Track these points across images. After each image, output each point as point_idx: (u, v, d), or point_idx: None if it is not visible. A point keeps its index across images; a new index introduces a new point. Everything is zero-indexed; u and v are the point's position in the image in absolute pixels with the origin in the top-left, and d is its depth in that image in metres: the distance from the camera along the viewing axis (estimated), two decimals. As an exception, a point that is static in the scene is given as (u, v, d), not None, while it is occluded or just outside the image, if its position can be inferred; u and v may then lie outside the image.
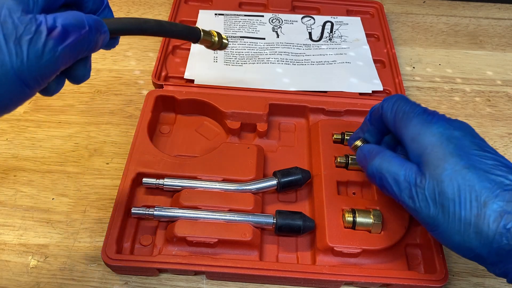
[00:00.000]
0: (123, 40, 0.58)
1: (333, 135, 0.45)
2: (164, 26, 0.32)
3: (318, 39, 0.58)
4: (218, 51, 0.55)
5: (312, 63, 0.55)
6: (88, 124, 0.48)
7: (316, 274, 0.36)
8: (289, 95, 0.49)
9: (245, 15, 0.60)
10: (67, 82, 0.28)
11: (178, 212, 0.38)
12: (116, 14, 0.61)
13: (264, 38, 0.57)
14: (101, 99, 0.51)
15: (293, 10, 0.61)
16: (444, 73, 0.58)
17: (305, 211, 0.41)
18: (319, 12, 0.61)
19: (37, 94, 0.51)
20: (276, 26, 0.59)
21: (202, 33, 0.36)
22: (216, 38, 0.38)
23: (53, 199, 0.42)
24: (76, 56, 0.25)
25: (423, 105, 0.33)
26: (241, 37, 0.57)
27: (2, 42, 0.21)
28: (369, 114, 0.36)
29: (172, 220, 0.38)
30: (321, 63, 0.55)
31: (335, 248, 0.37)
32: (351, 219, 0.38)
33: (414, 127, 0.31)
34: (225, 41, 0.39)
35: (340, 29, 0.59)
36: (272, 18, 0.60)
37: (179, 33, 0.34)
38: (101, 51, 0.59)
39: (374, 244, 0.38)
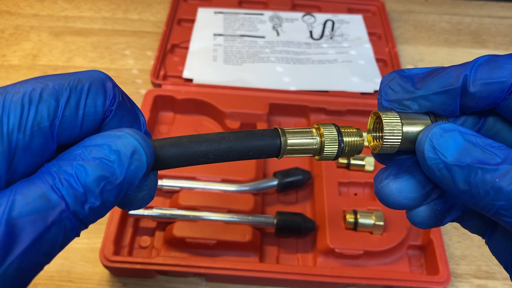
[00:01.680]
0: (120, 38, 0.57)
1: (334, 135, 0.44)
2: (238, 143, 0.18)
3: (319, 37, 0.57)
4: (219, 50, 0.54)
5: (313, 62, 0.54)
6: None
7: (317, 276, 0.35)
8: (289, 95, 0.49)
9: (245, 13, 0.59)
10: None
11: (176, 213, 0.38)
12: (114, 13, 0.60)
13: (264, 37, 0.56)
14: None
15: (294, 8, 0.61)
16: (446, 72, 0.57)
17: (305, 212, 0.40)
18: (320, 10, 0.61)
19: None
20: (276, 24, 0.58)
21: (282, 138, 0.18)
22: (321, 139, 0.19)
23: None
24: (51, 252, 0.15)
25: None
26: (241, 35, 0.56)
27: None
28: (473, 70, 0.17)
29: (170, 221, 0.38)
30: (322, 62, 0.54)
31: (336, 249, 0.37)
32: (352, 220, 0.38)
33: None
34: (357, 140, 0.19)
35: (341, 28, 0.58)
36: (272, 16, 0.59)
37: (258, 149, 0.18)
38: (99, 49, 0.58)
39: (376, 245, 0.37)
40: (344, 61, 0.54)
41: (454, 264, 0.40)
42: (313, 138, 0.19)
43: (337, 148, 0.18)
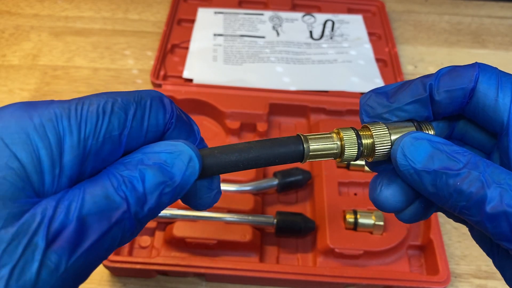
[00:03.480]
0: (120, 38, 0.57)
1: (334, 135, 0.44)
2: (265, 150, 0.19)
3: (319, 37, 0.57)
4: (219, 50, 0.54)
5: (313, 62, 0.54)
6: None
7: (317, 276, 0.35)
8: (289, 95, 0.49)
9: (245, 13, 0.59)
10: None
11: (176, 213, 0.38)
12: (114, 13, 0.60)
13: (264, 37, 0.56)
14: (100, 98, 0.50)
15: (294, 8, 0.61)
16: (446, 72, 0.57)
17: (305, 212, 0.40)
18: (320, 10, 0.61)
19: (35, 93, 0.50)
20: (276, 24, 0.58)
21: (305, 145, 0.19)
22: (341, 143, 0.20)
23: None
24: (111, 247, 0.16)
25: None
26: (241, 35, 0.56)
27: None
28: (437, 80, 0.19)
29: (170, 221, 0.38)
30: (322, 62, 0.54)
31: (336, 249, 0.37)
32: (352, 220, 0.38)
33: None
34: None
35: (341, 28, 0.59)
36: (272, 16, 0.59)
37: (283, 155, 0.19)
38: (99, 49, 0.58)
39: (376, 245, 0.37)
40: (344, 61, 0.54)
41: (454, 264, 0.40)
42: (334, 143, 0.20)
43: (356, 151, 0.20)
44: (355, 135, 0.20)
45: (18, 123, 0.15)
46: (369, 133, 0.20)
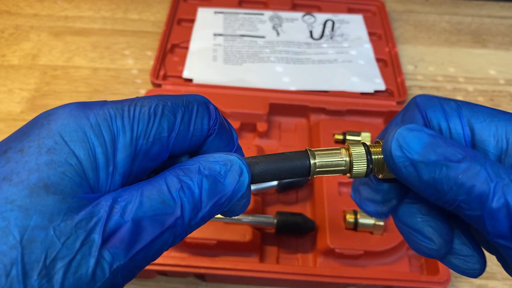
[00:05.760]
0: (120, 38, 0.57)
1: (334, 135, 0.44)
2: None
3: (319, 37, 0.57)
4: (219, 50, 0.54)
5: (313, 62, 0.54)
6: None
7: (317, 277, 0.35)
8: (289, 95, 0.49)
9: (245, 13, 0.59)
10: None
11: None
12: (114, 13, 0.60)
13: (264, 37, 0.56)
14: (99, 98, 0.50)
15: (294, 8, 0.61)
16: (447, 72, 0.57)
17: (305, 212, 0.40)
18: (320, 10, 0.61)
19: (34, 93, 0.50)
20: (276, 24, 0.58)
21: (311, 160, 0.19)
22: (350, 159, 0.19)
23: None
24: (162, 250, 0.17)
25: None
26: (241, 35, 0.56)
27: (16, 282, 0.13)
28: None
29: (170, 222, 0.38)
30: (322, 62, 0.54)
31: (336, 249, 0.37)
32: (352, 220, 0.38)
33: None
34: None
35: (341, 28, 0.58)
36: (272, 16, 0.59)
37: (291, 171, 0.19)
38: (99, 49, 0.58)
39: (376, 245, 0.37)
40: (344, 61, 0.54)
41: (454, 264, 0.40)
42: (342, 160, 0.19)
43: (365, 168, 0.19)
44: (364, 151, 0.19)
45: (76, 121, 0.16)
46: (380, 149, 0.19)
